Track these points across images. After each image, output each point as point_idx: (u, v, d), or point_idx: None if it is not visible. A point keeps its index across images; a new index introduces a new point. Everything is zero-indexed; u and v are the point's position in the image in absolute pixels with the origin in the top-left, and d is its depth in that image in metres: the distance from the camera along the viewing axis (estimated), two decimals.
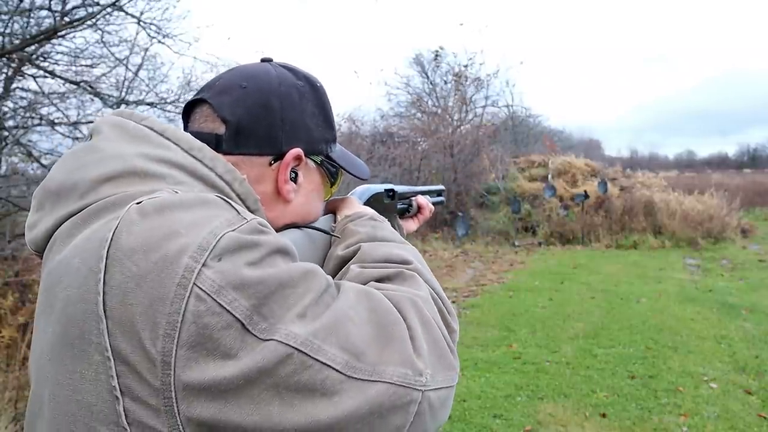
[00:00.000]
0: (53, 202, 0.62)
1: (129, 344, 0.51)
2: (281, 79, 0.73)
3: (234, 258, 0.53)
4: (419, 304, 0.65)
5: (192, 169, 0.63)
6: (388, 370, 0.56)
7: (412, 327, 0.61)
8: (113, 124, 0.66)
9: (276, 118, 0.71)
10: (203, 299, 0.50)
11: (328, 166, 0.79)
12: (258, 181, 0.71)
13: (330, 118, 0.79)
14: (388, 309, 0.61)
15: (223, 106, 0.70)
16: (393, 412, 0.56)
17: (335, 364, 0.54)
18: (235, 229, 0.55)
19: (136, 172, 0.60)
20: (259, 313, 0.52)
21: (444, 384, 0.62)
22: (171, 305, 0.50)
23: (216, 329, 0.50)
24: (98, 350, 0.52)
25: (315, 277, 0.58)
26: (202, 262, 0.51)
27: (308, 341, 0.53)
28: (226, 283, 0.51)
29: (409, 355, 0.59)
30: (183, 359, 0.50)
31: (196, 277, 0.51)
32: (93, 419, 0.52)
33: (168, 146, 0.64)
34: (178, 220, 0.54)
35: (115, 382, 0.51)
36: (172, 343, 0.50)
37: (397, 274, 0.70)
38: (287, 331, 0.52)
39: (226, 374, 0.50)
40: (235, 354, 0.51)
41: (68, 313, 0.54)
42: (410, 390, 0.57)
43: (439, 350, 0.63)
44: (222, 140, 0.69)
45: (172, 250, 0.52)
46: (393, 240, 0.78)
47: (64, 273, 0.56)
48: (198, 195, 0.59)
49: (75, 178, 0.61)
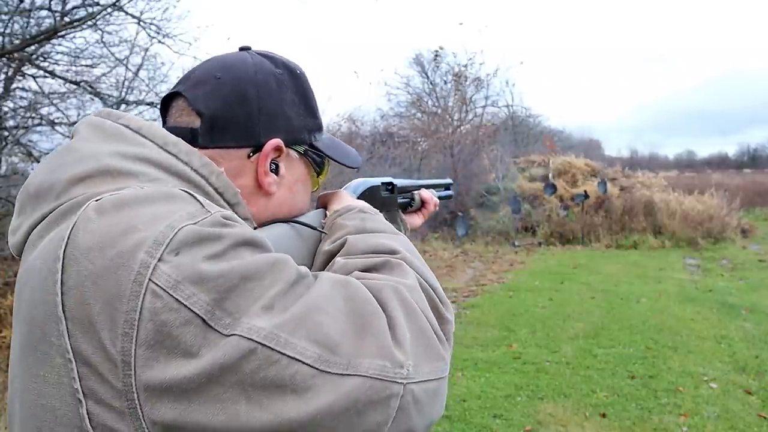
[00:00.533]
0: (33, 206, 0.61)
1: (89, 345, 0.49)
2: (258, 68, 0.71)
3: (192, 251, 0.51)
4: (403, 292, 0.61)
5: (167, 165, 0.62)
6: (364, 363, 0.53)
7: (393, 316, 0.58)
8: (90, 124, 0.65)
9: (253, 109, 0.69)
10: (159, 295, 0.49)
11: (312, 156, 0.76)
12: (237, 175, 0.69)
13: (312, 105, 0.76)
14: (365, 298, 0.58)
15: (198, 98, 0.68)
16: (371, 408, 0.53)
17: (305, 358, 0.51)
18: (196, 222, 0.53)
19: (108, 171, 0.59)
20: (221, 308, 0.50)
21: (431, 376, 0.58)
22: (128, 303, 0.48)
23: (174, 326, 0.48)
24: (59, 352, 0.51)
25: (284, 268, 0.55)
26: (158, 256, 0.50)
27: (273, 334, 0.50)
28: (183, 278, 0.49)
29: (387, 346, 0.55)
30: (143, 359, 0.48)
31: (151, 272, 0.49)
32: (57, 423, 0.51)
33: (143, 143, 0.62)
34: (137, 215, 0.53)
35: (77, 385, 0.50)
36: (130, 342, 0.48)
37: (383, 264, 0.67)
38: (250, 324, 0.50)
39: (187, 373, 0.48)
40: (197, 351, 0.49)
41: (31, 316, 0.53)
42: (389, 383, 0.54)
43: (425, 340, 0.60)
44: (198, 134, 0.67)
45: (128, 245, 0.50)
46: (383, 231, 0.75)
47: (29, 276, 0.55)
48: (161, 189, 0.57)
49: (52, 179, 0.60)
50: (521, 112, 19.37)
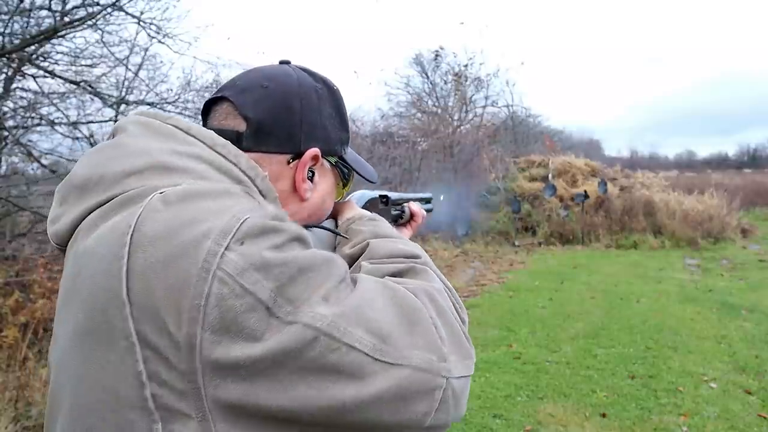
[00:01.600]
0: (78, 196, 0.63)
1: (154, 329, 0.52)
2: (301, 81, 0.75)
3: (257, 241, 0.54)
4: (435, 295, 0.65)
5: (217, 163, 0.65)
6: (415, 355, 0.57)
7: (432, 316, 0.62)
8: (138, 123, 0.68)
9: (296, 118, 0.73)
10: (226, 282, 0.51)
11: (341, 167, 0.81)
12: (276, 179, 0.72)
13: (345, 120, 0.81)
14: (407, 296, 0.62)
15: (246, 104, 0.71)
16: (418, 398, 0.57)
17: (363, 346, 0.54)
18: (258, 215, 0.56)
19: (162, 166, 0.62)
20: (282, 296, 0.53)
21: (464, 372, 0.62)
22: (194, 289, 0.51)
23: (240, 312, 0.51)
24: (123, 336, 0.52)
25: (335, 264, 0.59)
26: (225, 245, 0.52)
27: (334, 324, 0.54)
28: (249, 265, 0.52)
29: (434, 341, 0.59)
30: (208, 342, 0.50)
31: (218, 260, 0.51)
32: (120, 404, 0.53)
33: (193, 142, 0.65)
34: (201, 207, 0.56)
35: (141, 367, 0.52)
36: (196, 326, 0.50)
37: (409, 269, 0.71)
38: (313, 313, 0.53)
39: (252, 355, 0.51)
40: (261, 336, 0.51)
41: (93, 300, 0.55)
42: (435, 376, 0.58)
43: (457, 339, 0.64)
44: (243, 137, 0.71)
45: (195, 235, 0.53)
46: (397, 237, 0.79)
47: (88, 261, 0.57)
48: (221, 185, 0.61)
49: (100, 171, 0.62)
50: (521, 112, 19.35)
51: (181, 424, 0.52)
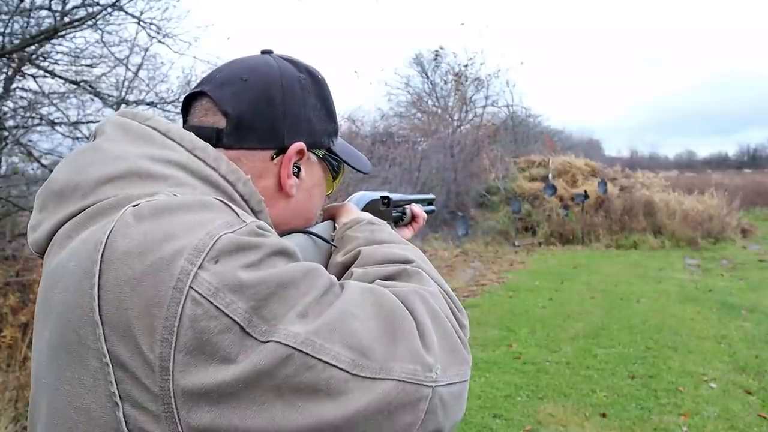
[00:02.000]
0: (56, 203, 0.61)
1: (126, 350, 0.50)
2: (283, 72, 0.72)
3: (231, 260, 0.52)
4: (427, 298, 0.63)
5: (195, 169, 0.62)
6: (396, 367, 0.55)
7: (420, 321, 0.59)
8: (117, 125, 0.65)
9: (278, 112, 0.70)
10: (200, 302, 0.49)
11: (330, 160, 0.78)
12: (260, 176, 0.70)
13: (332, 110, 0.77)
14: (394, 304, 0.59)
15: (224, 99, 0.69)
16: (402, 410, 0.55)
17: (340, 363, 0.52)
18: (233, 231, 0.54)
19: (138, 173, 0.59)
20: (258, 315, 0.51)
21: (456, 379, 0.60)
22: (167, 309, 0.49)
23: (214, 333, 0.49)
24: (96, 356, 0.51)
25: (317, 276, 0.57)
26: (198, 264, 0.50)
27: (309, 340, 0.51)
28: (222, 286, 0.50)
29: (417, 350, 0.57)
30: (181, 364, 0.49)
31: (192, 279, 0.50)
32: (92, 426, 0.52)
33: (172, 146, 0.63)
34: (175, 222, 0.53)
35: (114, 389, 0.50)
36: (169, 348, 0.49)
37: (401, 272, 0.68)
38: (287, 331, 0.51)
39: (225, 378, 0.49)
40: (235, 357, 0.50)
41: (65, 318, 0.53)
42: (419, 386, 0.55)
43: (450, 344, 0.61)
44: (223, 134, 0.68)
45: (168, 252, 0.51)
46: (393, 241, 0.77)
47: (60, 276, 0.55)
48: (197, 198, 0.58)
49: (78, 178, 0.60)
50: (521, 112, 19.36)
51: None
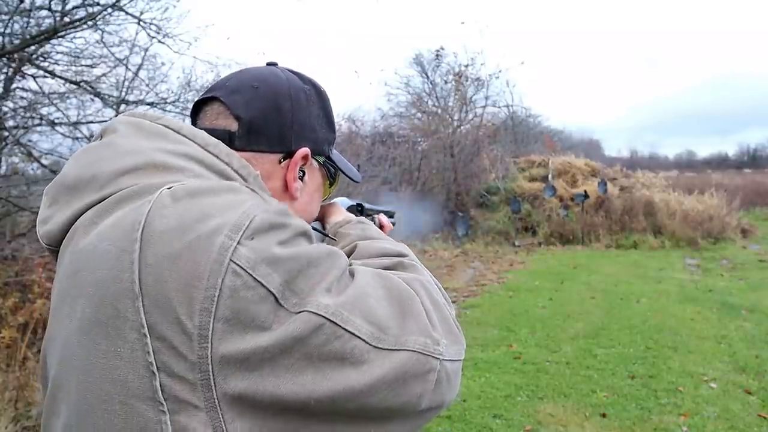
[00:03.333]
0: (69, 196, 0.64)
1: (165, 320, 0.53)
2: (291, 83, 0.77)
3: (266, 237, 0.56)
4: (426, 285, 0.69)
5: (209, 162, 0.66)
6: (410, 340, 0.60)
7: (423, 303, 0.65)
8: (128, 123, 0.68)
9: (287, 118, 0.74)
10: (239, 274, 0.53)
11: (329, 167, 0.83)
12: (268, 178, 0.74)
13: (332, 121, 0.83)
14: (401, 287, 0.65)
15: (237, 104, 0.73)
16: (414, 379, 0.59)
17: (362, 334, 0.57)
18: (265, 212, 0.58)
19: (155, 165, 0.63)
20: (290, 288, 0.55)
21: (455, 356, 0.65)
22: (207, 281, 0.53)
23: (252, 302, 0.53)
24: (134, 327, 0.54)
25: (338, 258, 0.62)
26: (237, 240, 0.55)
27: (338, 312, 0.56)
28: (261, 259, 0.54)
29: (426, 326, 0.62)
30: (220, 332, 0.52)
31: (232, 253, 0.54)
32: (129, 395, 0.54)
33: (185, 142, 0.67)
34: (210, 203, 0.58)
35: (151, 358, 0.53)
36: (209, 317, 0.52)
37: (398, 264, 0.73)
38: (318, 302, 0.56)
39: (261, 344, 0.53)
40: (269, 326, 0.54)
41: (100, 294, 0.56)
42: (430, 358, 0.61)
43: (448, 326, 0.67)
44: (235, 137, 0.72)
45: (206, 230, 0.55)
46: (383, 238, 0.82)
47: (90, 257, 0.58)
48: (225, 182, 0.62)
49: (93, 171, 0.63)
50: (521, 112, 19.33)
51: (189, 414, 0.53)
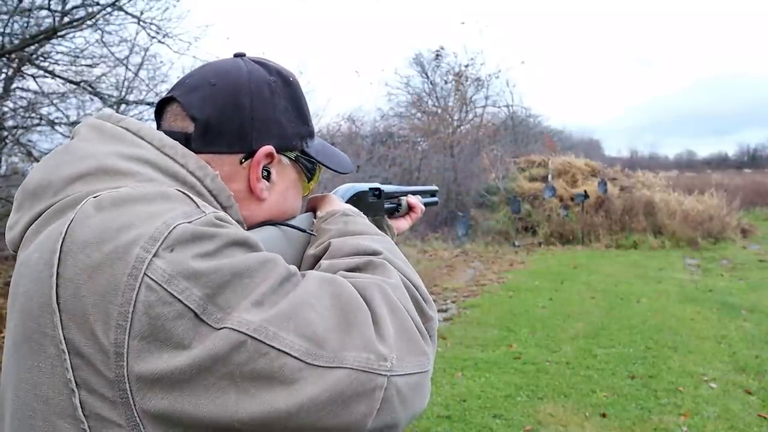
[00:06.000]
0: (31, 202, 0.63)
1: (83, 336, 0.51)
2: (252, 75, 0.73)
3: (186, 248, 0.53)
4: (386, 289, 0.64)
5: (163, 166, 0.64)
6: (350, 356, 0.55)
7: (377, 312, 0.60)
8: (91, 126, 0.67)
9: (245, 116, 0.71)
10: (154, 289, 0.50)
11: (304, 162, 0.79)
12: (230, 180, 0.70)
13: (304, 113, 0.78)
14: (350, 295, 0.60)
15: (192, 104, 0.70)
16: (356, 399, 0.55)
17: (293, 351, 0.53)
18: (190, 221, 0.55)
19: (106, 170, 0.61)
20: (213, 303, 0.52)
21: (414, 369, 0.60)
22: (122, 296, 0.50)
23: (168, 319, 0.50)
24: (53, 343, 0.52)
25: (274, 266, 0.58)
26: (153, 252, 0.52)
27: (262, 328, 0.52)
28: (176, 273, 0.51)
29: (371, 339, 0.57)
30: (135, 350, 0.50)
31: (146, 267, 0.51)
32: (51, 412, 0.53)
33: (141, 144, 0.65)
34: (133, 213, 0.55)
35: (70, 375, 0.51)
36: (124, 334, 0.50)
37: (367, 264, 0.69)
38: (240, 318, 0.52)
39: (179, 364, 0.50)
40: (189, 344, 0.51)
41: (26, 308, 0.55)
42: (373, 375, 0.56)
43: (407, 335, 0.62)
44: (191, 139, 0.69)
45: (125, 241, 0.52)
46: (364, 233, 0.77)
47: (25, 269, 0.57)
48: (158, 189, 0.59)
49: (51, 177, 0.62)
50: (521, 112, 19.35)
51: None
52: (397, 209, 1.13)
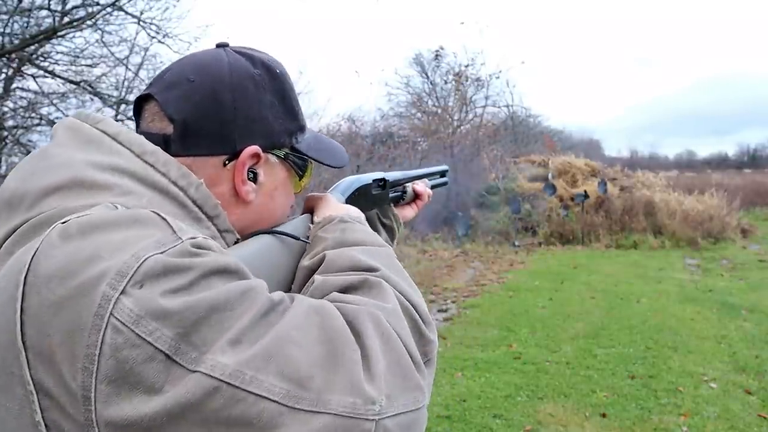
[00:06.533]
0: (7, 213, 0.59)
1: (50, 377, 0.48)
2: (234, 68, 0.67)
3: (157, 284, 0.49)
4: (380, 319, 0.58)
5: (143, 175, 0.60)
6: (334, 400, 0.50)
7: (367, 345, 0.55)
8: (68, 128, 0.63)
9: (227, 114, 0.65)
10: (120, 331, 0.47)
11: (294, 159, 0.74)
12: (214, 184, 0.66)
13: (293, 107, 0.73)
14: (340, 328, 0.55)
15: (169, 102, 0.65)
16: None
17: (273, 395, 0.49)
18: (163, 252, 0.50)
19: (82, 183, 0.57)
20: (187, 342, 0.48)
21: (406, 408, 0.55)
22: (89, 337, 0.47)
23: (137, 362, 0.47)
24: (20, 383, 0.49)
25: (256, 296, 0.53)
26: (121, 289, 0.47)
27: (237, 372, 0.48)
28: (145, 313, 0.47)
29: (358, 381, 0.52)
30: (103, 395, 0.47)
31: (112, 306, 0.47)
32: None
33: (119, 152, 0.61)
34: (102, 242, 0.50)
35: (38, 417, 0.49)
36: (91, 377, 0.47)
37: (362, 283, 0.63)
38: (214, 361, 0.48)
39: (149, 410, 0.47)
40: (160, 388, 0.47)
41: None
42: (360, 421, 0.51)
43: (401, 370, 0.57)
44: (170, 141, 0.64)
45: (91, 276, 0.48)
46: (363, 243, 0.72)
47: None
48: (131, 212, 0.55)
49: (26, 187, 0.58)
50: (521, 112, 19.36)
51: None
52: (402, 197, 1.08)
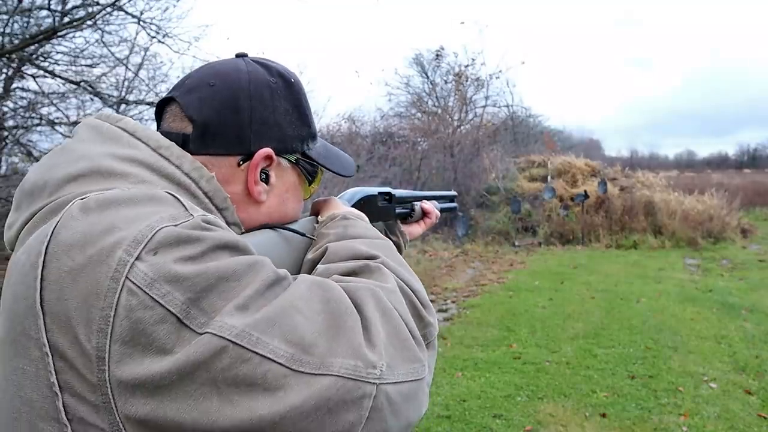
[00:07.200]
0: (27, 202, 0.63)
1: (66, 340, 0.51)
2: (252, 77, 0.72)
3: (170, 252, 0.52)
4: (379, 294, 0.62)
5: (158, 167, 0.63)
6: (336, 362, 0.54)
7: (367, 317, 0.58)
8: (89, 126, 0.67)
9: (244, 117, 0.70)
10: (135, 293, 0.50)
11: (304, 165, 0.78)
12: (227, 182, 0.70)
13: (306, 115, 0.78)
14: (341, 299, 0.59)
15: (191, 105, 0.70)
16: (344, 408, 0.53)
17: (278, 357, 0.52)
18: (176, 224, 0.54)
19: (100, 171, 0.61)
20: (197, 307, 0.51)
21: (406, 377, 0.58)
22: (104, 300, 0.50)
23: (149, 323, 0.50)
24: (37, 346, 0.52)
25: (261, 269, 0.56)
26: (136, 255, 0.51)
27: (245, 333, 0.51)
28: (159, 276, 0.51)
29: (359, 345, 0.55)
30: (117, 354, 0.50)
31: (128, 270, 0.50)
32: (35, 415, 0.53)
33: (136, 145, 0.64)
34: (119, 215, 0.54)
35: (53, 378, 0.51)
36: (105, 338, 0.50)
37: (362, 268, 0.68)
38: (222, 323, 0.51)
39: (159, 369, 0.49)
40: (171, 348, 0.50)
41: (13, 310, 0.55)
42: (361, 383, 0.54)
43: (400, 342, 0.60)
44: (189, 140, 0.69)
45: (108, 244, 0.52)
46: (363, 236, 0.76)
47: (14, 270, 0.57)
48: (146, 191, 0.59)
49: (46, 177, 0.62)
50: (521, 112, 19.35)
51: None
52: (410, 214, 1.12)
